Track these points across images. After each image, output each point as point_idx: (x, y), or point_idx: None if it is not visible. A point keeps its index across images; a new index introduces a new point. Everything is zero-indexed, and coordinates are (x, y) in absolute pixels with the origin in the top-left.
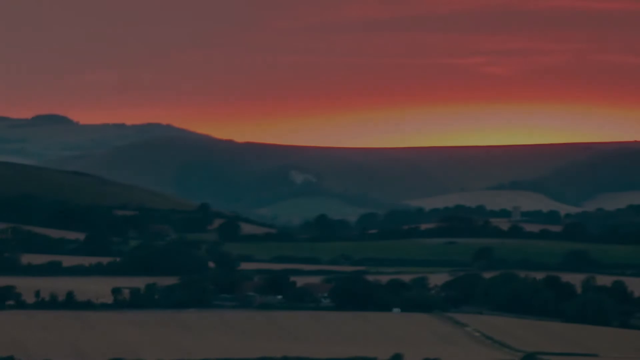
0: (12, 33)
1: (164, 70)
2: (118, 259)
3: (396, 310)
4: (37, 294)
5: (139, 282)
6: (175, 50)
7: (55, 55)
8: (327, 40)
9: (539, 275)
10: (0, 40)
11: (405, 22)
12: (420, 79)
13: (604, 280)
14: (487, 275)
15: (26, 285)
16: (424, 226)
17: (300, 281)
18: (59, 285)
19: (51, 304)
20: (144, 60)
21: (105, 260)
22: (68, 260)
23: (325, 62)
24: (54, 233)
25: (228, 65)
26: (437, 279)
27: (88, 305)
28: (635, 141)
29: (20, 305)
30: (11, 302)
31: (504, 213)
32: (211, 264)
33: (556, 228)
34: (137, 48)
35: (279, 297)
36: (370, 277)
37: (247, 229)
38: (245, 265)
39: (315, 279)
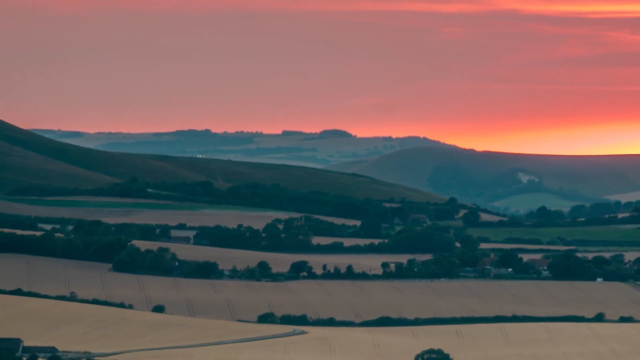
0: (308, 67)
1: (421, 96)
2: (386, 241)
3: (599, 280)
4: (324, 267)
5: (402, 258)
6: (427, 80)
7: (340, 83)
8: (544, 73)
9: None
10: (298, 71)
11: (603, 58)
12: (616, 101)
13: None
14: None
15: (316, 261)
16: (620, 215)
17: (525, 257)
18: (341, 261)
19: (335, 275)
20: (406, 88)
21: (376, 241)
22: (348, 242)
23: (544, 89)
24: (337, 220)
25: (470, 91)
26: (631, 255)
27: (363, 276)
28: None
29: (311, 276)
30: (304, 274)
31: None
32: (457, 244)
33: None
34: (401, 79)
35: (509, 269)
36: (579, 254)
37: (484, 217)
38: (483, 245)
39: (537, 256)
